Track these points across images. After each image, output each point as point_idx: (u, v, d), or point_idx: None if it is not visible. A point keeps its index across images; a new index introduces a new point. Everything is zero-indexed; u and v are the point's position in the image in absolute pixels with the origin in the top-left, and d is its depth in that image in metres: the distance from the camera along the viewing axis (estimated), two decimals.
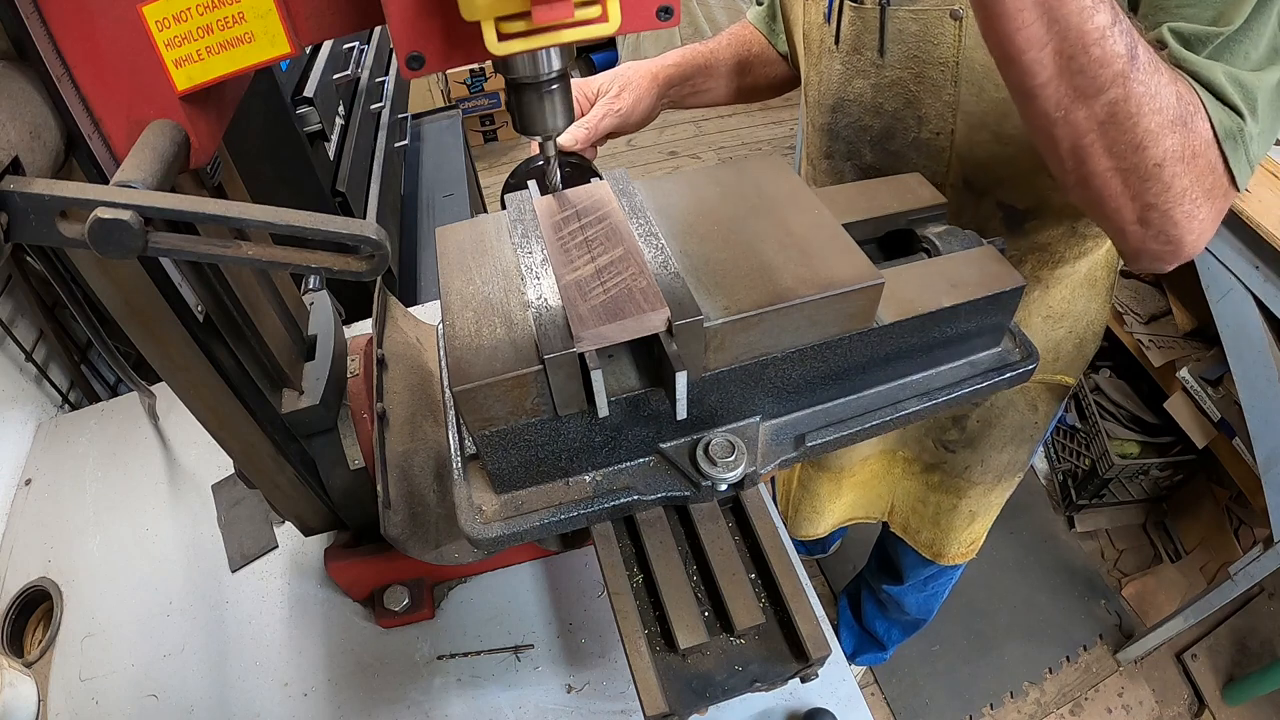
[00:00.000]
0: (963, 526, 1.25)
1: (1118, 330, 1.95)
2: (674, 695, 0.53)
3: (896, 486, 1.29)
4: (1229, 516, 1.93)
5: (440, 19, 0.40)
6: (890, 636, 1.73)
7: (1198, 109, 0.54)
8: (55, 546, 1.00)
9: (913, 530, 1.33)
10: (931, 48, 0.74)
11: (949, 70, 0.74)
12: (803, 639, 0.54)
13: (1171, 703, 1.81)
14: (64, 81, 0.41)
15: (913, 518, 1.31)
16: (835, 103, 0.86)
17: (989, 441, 1.09)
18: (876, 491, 1.32)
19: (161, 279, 0.53)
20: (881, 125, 0.83)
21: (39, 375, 1.22)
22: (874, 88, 0.81)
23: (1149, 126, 0.52)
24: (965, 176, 0.81)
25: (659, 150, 3.77)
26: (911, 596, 1.55)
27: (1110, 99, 0.52)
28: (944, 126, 0.78)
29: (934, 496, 1.23)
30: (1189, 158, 0.54)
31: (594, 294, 0.49)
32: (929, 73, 0.76)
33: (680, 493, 0.55)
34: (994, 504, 1.22)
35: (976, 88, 0.74)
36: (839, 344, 0.54)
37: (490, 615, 0.86)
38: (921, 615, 1.62)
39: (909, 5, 0.74)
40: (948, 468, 1.16)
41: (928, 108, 0.78)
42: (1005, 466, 1.14)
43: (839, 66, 0.83)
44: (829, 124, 0.89)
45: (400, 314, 0.89)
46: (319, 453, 0.73)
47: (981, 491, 1.18)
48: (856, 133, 0.86)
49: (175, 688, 0.83)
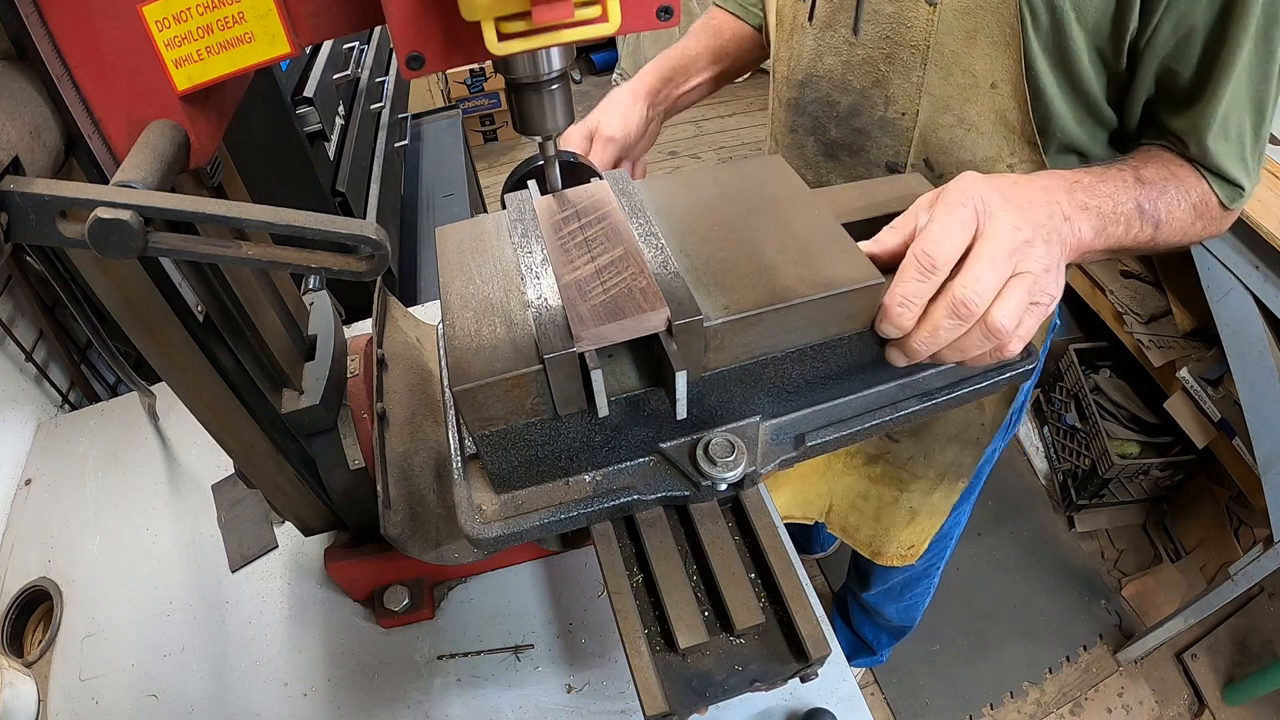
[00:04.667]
0: (902, 524, 1.24)
1: (1118, 330, 1.96)
2: (674, 695, 0.53)
3: (836, 484, 1.29)
4: (1229, 516, 1.93)
5: (440, 19, 0.40)
6: (879, 641, 1.74)
7: (1207, 194, 0.72)
8: (55, 546, 1.00)
9: (852, 528, 1.33)
10: (905, 30, 0.76)
11: (919, 53, 0.76)
12: (802, 639, 0.54)
13: (1171, 703, 1.81)
14: (64, 81, 0.41)
15: (852, 514, 1.31)
16: (804, 78, 0.88)
17: (933, 434, 1.10)
18: (816, 489, 1.32)
19: (161, 279, 0.53)
20: (849, 102, 0.85)
21: (39, 375, 1.22)
22: (845, 65, 0.82)
23: (1176, 239, 0.72)
24: (926, 157, 0.82)
25: (659, 150, 3.77)
26: (890, 605, 1.55)
27: (1149, 246, 0.71)
28: (909, 107, 0.80)
29: (875, 490, 1.23)
30: (1210, 223, 0.74)
31: (594, 294, 0.49)
32: (900, 54, 0.77)
33: (680, 492, 0.55)
34: (935, 507, 1.21)
35: (944, 71, 0.75)
36: (839, 344, 0.54)
37: (490, 615, 0.86)
38: (904, 623, 1.62)
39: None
40: (890, 458, 1.16)
41: (896, 87, 0.79)
42: (948, 466, 1.13)
43: (811, 43, 0.85)
44: (796, 99, 0.90)
45: (400, 314, 0.89)
46: (319, 453, 0.73)
47: (923, 488, 1.17)
48: (823, 108, 0.88)
49: (175, 688, 0.83)
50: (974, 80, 0.74)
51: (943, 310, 0.50)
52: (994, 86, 0.73)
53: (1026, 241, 0.52)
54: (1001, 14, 0.68)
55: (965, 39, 0.72)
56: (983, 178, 0.54)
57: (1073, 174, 0.63)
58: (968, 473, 1.15)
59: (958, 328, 0.50)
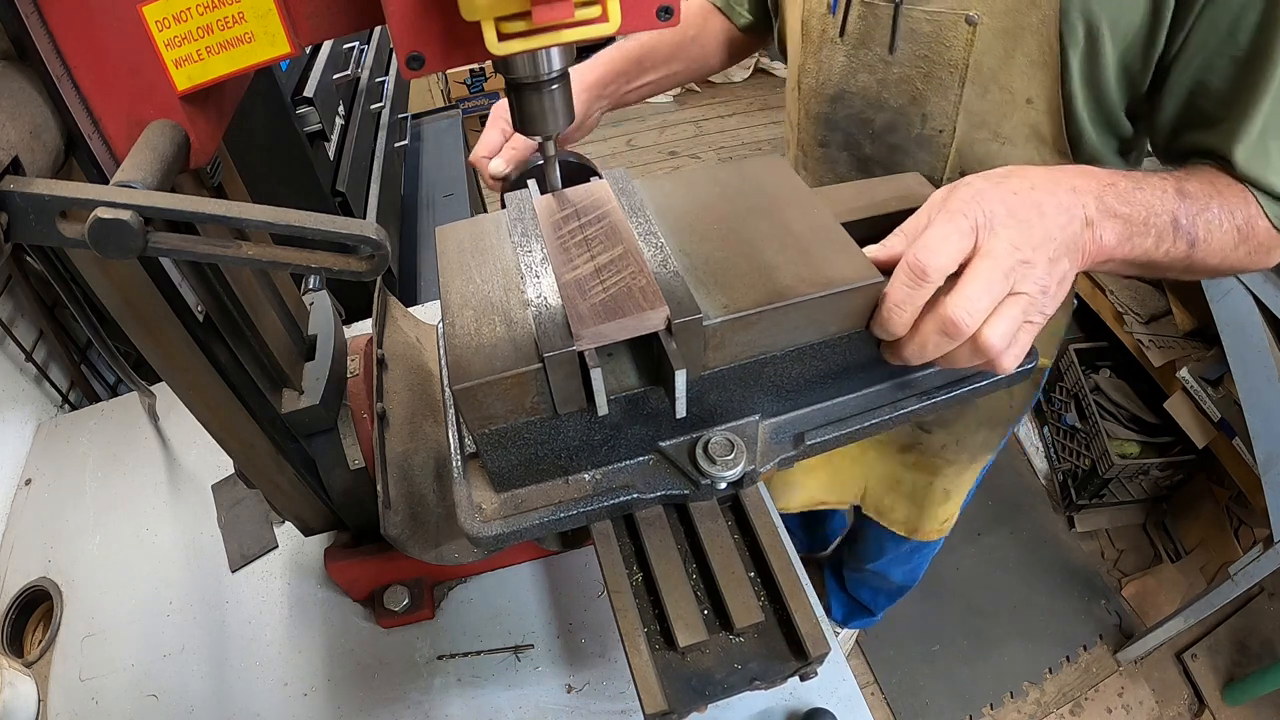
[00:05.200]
0: (938, 503, 1.26)
1: (1118, 330, 1.95)
2: (673, 693, 0.53)
3: (871, 470, 1.30)
4: (1229, 516, 1.93)
5: (440, 19, 0.40)
6: (876, 603, 1.76)
7: (1256, 217, 0.66)
8: (55, 546, 1.00)
9: (887, 509, 1.34)
10: (943, 49, 0.75)
11: (958, 71, 0.75)
12: (802, 637, 0.54)
13: (1171, 703, 1.81)
14: (64, 81, 0.41)
15: (887, 497, 1.32)
16: (836, 93, 0.87)
17: (964, 423, 1.11)
18: (850, 474, 1.33)
19: (161, 279, 0.53)
20: (884, 119, 0.84)
21: (39, 375, 1.22)
22: (880, 83, 0.82)
23: (1216, 263, 0.66)
24: (962, 170, 0.82)
25: (659, 150, 3.77)
26: (896, 569, 1.57)
27: (1184, 266, 0.66)
28: (947, 124, 0.79)
29: (910, 475, 1.24)
30: (1256, 249, 0.67)
31: (593, 293, 0.49)
32: (938, 73, 0.77)
33: (680, 491, 0.55)
34: (967, 482, 1.24)
35: (981, 88, 0.75)
36: (838, 343, 0.54)
37: (490, 615, 0.86)
38: (907, 582, 1.64)
39: (923, 6, 0.74)
40: (923, 448, 1.17)
41: (933, 105, 0.79)
42: (980, 446, 1.15)
43: (842, 58, 0.84)
44: (827, 114, 0.89)
45: (400, 314, 0.89)
46: (319, 453, 0.73)
47: (956, 470, 1.20)
48: (857, 125, 0.87)
49: (175, 688, 0.83)
50: (1010, 97, 0.74)
51: (932, 326, 0.50)
52: (1029, 102, 0.74)
53: (1025, 261, 0.51)
54: (1042, 34, 0.69)
55: (1004, 57, 0.72)
56: (993, 186, 0.53)
57: (1109, 175, 0.60)
58: (995, 447, 1.18)
59: (946, 344, 0.50)
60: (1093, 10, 0.66)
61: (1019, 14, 0.69)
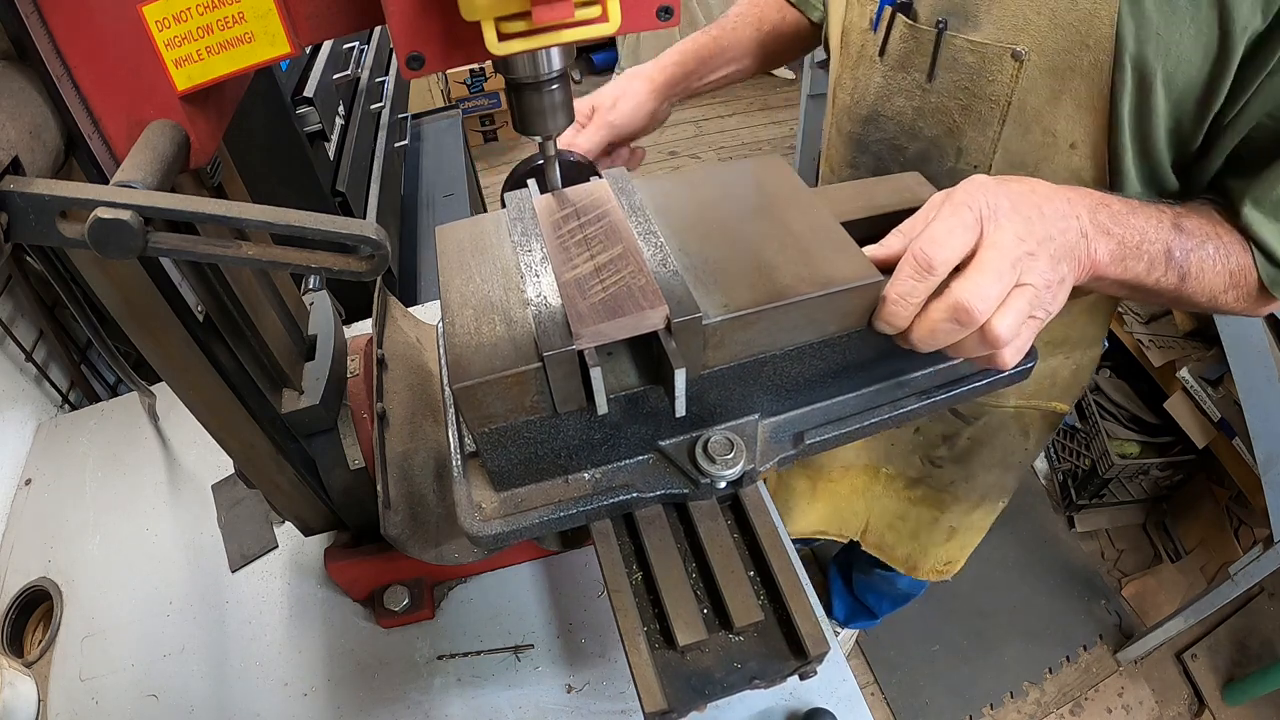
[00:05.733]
0: (940, 542, 1.25)
1: (1118, 330, 1.96)
2: (673, 692, 0.53)
3: (875, 504, 1.28)
4: (1229, 516, 1.93)
5: (440, 19, 0.40)
6: (880, 607, 1.75)
7: (1249, 269, 0.67)
8: (55, 546, 1.00)
9: (888, 546, 1.33)
10: (986, 83, 0.71)
11: (999, 108, 0.72)
12: (801, 636, 0.54)
13: (1171, 703, 1.81)
14: (64, 81, 0.41)
15: (889, 534, 1.31)
16: (870, 115, 0.83)
17: (978, 460, 1.09)
18: (853, 508, 1.32)
19: (161, 279, 0.53)
20: (917, 149, 0.81)
21: (39, 375, 1.22)
22: (915, 110, 0.78)
23: (1204, 300, 0.68)
24: None
25: (659, 150, 3.77)
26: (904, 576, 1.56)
27: (1173, 297, 0.67)
28: (983, 161, 0.76)
29: (914, 511, 1.23)
30: (1246, 297, 0.69)
31: (593, 292, 0.49)
32: (977, 106, 0.73)
33: (679, 490, 0.55)
34: (974, 525, 1.22)
35: (1023, 128, 0.72)
36: (838, 342, 0.54)
37: (490, 615, 0.86)
38: (913, 590, 1.64)
39: (968, 34, 0.70)
40: (932, 481, 1.16)
41: (969, 140, 0.76)
42: (990, 487, 1.13)
43: (879, 79, 0.80)
44: (859, 135, 0.86)
45: (400, 314, 0.89)
46: (319, 453, 0.73)
47: (963, 509, 1.18)
48: (889, 150, 0.84)
49: (175, 688, 0.83)
50: (1053, 140, 0.71)
51: (943, 313, 0.49)
52: (1073, 146, 0.71)
53: (1029, 253, 0.51)
54: (1093, 78, 0.65)
55: (1050, 98, 0.69)
56: (994, 182, 0.53)
57: (1102, 196, 0.60)
58: (1007, 494, 1.16)
59: (957, 332, 0.50)
60: (1148, 60, 0.62)
61: (1070, 54, 0.65)
